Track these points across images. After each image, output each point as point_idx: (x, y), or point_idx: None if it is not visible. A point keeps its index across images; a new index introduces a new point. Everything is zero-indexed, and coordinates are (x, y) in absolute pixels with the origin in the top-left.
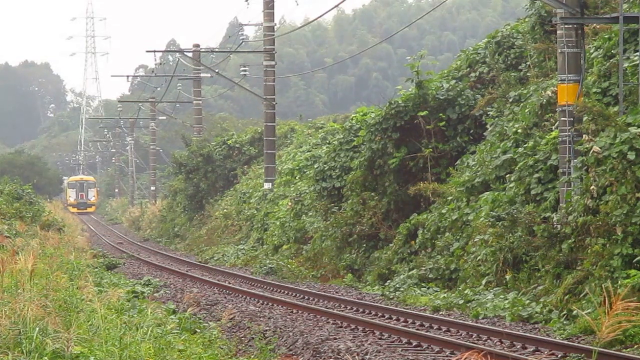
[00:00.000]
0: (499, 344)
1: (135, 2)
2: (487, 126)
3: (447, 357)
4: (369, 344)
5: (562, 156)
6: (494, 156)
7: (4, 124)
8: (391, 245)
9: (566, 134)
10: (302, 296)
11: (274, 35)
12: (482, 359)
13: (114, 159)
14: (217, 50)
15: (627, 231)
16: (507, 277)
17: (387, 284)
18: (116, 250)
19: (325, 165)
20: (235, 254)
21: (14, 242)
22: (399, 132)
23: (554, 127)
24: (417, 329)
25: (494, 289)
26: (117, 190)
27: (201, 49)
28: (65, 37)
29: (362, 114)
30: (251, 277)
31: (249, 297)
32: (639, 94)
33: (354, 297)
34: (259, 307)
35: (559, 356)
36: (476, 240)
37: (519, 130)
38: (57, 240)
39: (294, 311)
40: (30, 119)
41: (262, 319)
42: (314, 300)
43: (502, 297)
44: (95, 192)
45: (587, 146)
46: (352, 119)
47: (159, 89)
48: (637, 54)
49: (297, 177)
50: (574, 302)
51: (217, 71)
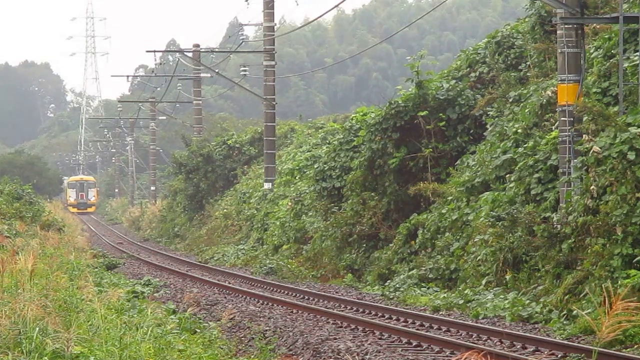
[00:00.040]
0: (499, 344)
1: (135, 2)
2: (487, 126)
3: (447, 357)
4: (369, 344)
5: (562, 156)
6: (494, 156)
7: (4, 124)
8: (391, 245)
9: (566, 134)
10: (302, 296)
11: (274, 35)
12: (482, 359)
13: (114, 159)
14: (217, 50)
15: (627, 231)
16: (507, 277)
17: (387, 284)
18: (116, 250)
19: (325, 165)
20: (235, 254)
21: (14, 242)
22: (399, 132)
23: (554, 127)
24: (417, 329)
25: (494, 289)
26: (117, 190)
27: (201, 49)
28: (65, 37)
29: (362, 114)
30: (251, 277)
31: (249, 297)
32: (639, 94)
33: (354, 297)
34: (259, 307)
35: (559, 356)
36: (476, 240)
37: (519, 130)
38: (57, 240)
39: (294, 311)
40: (30, 119)
41: (262, 319)
42: (314, 300)
43: (502, 297)
44: (95, 192)
45: (587, 146)
46: (352, 119)
47: (159, 89)
48: (637, 54)
49: (297, 177)
50: (574, 302)
51: (217, 71)
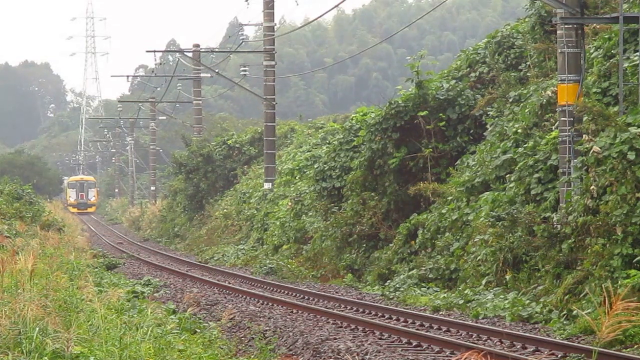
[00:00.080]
0: (499, 344)
1: (135, 2)
2: (487, 126)
3: (447, 357)
4: (369, 344)
5: (562, 156)
6: (494, 156)
7: (4, 124)
8: (391, 245)
9: (566, 134)
10: (302, 296)
11: (274, 35)
12: (482, 359)
13: (114, 159)
14: (217, 50)
15: (627, 231)
16: (507, 277)
17: (387, 284)
18: (116, 250)
19: (325, 165)
20: (235, 254)
21: (14, 242)
22: (399, 132)
23: (554, 127)
24: (417, 329)
25: (494, 289)
26: (117, 190)
27: (201, 49)
28: (65, 37)
29: (362, 114)
30: (251, 277)
31: (249, 297)
32: (639, 94)
33: (354, 297)
34: (259, 307)
35: (559, 356)
36: (476, 240)
37: (519, 130)
38: (57, 240)
39: (294, 311)
40: (30, 119)
41: (262, 319)
42: (314, 300)
43: (502, 297)
44: (95, 192)
45: (587, 146)
46: (352, 119)
47: (159, 89)
48: (637, 54)
49: (297, 177)
50: (574, 302)
51: (217, 71)
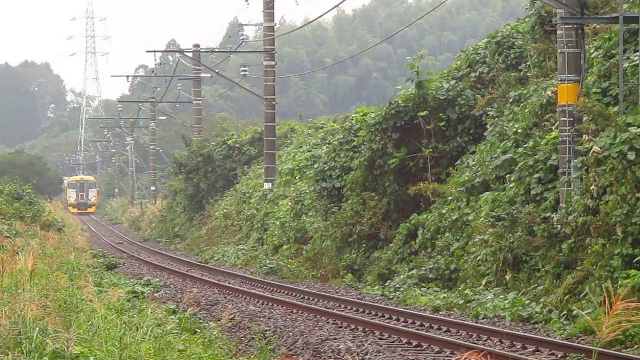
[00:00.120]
0: (499, 344)
1: (135, 2)
2: (487, 126)
3: (447, 357)
4: (369, 344)
5: (562, 156)
6: (494, 156)
7: (4, 124)
8: (391, 245)
9: (566, 134)
10: (302, 296)
11: (274, 35)
12: (482, 359)
13: (114, 159)
14: (217, 50)
15: (627, 231)
16: (507, 277)
17: (387, 284)
18: (116, 250)
19: (325, 165)
20: (235, 254)
21: (14, 242)
22: (399, 132)
23: (554, 127)
24: (417, 329)
25: (494, 289)
26: (117, 190)
27: (201, 49)
28: (65, 37)
29: (362, 114)
30: (251, 277)
31: (249, 297)
32: (639, 94)
33: (354, 297)
34: (259, 307)
35: (559, 356)
36: (476, 240)
37: (519, 130)
38: (57, 240)
39: (294, 311)
40: (30, 119)
41: (262, 319)
42: (314, 300)
43: (502, 297)
44: (95, 192)
45: (587, 146)
46: (352, 119)
47: (159, 89)
48: (637, 54)
49: (297, 177)
50: (574, 302)
51: (217, 71)
